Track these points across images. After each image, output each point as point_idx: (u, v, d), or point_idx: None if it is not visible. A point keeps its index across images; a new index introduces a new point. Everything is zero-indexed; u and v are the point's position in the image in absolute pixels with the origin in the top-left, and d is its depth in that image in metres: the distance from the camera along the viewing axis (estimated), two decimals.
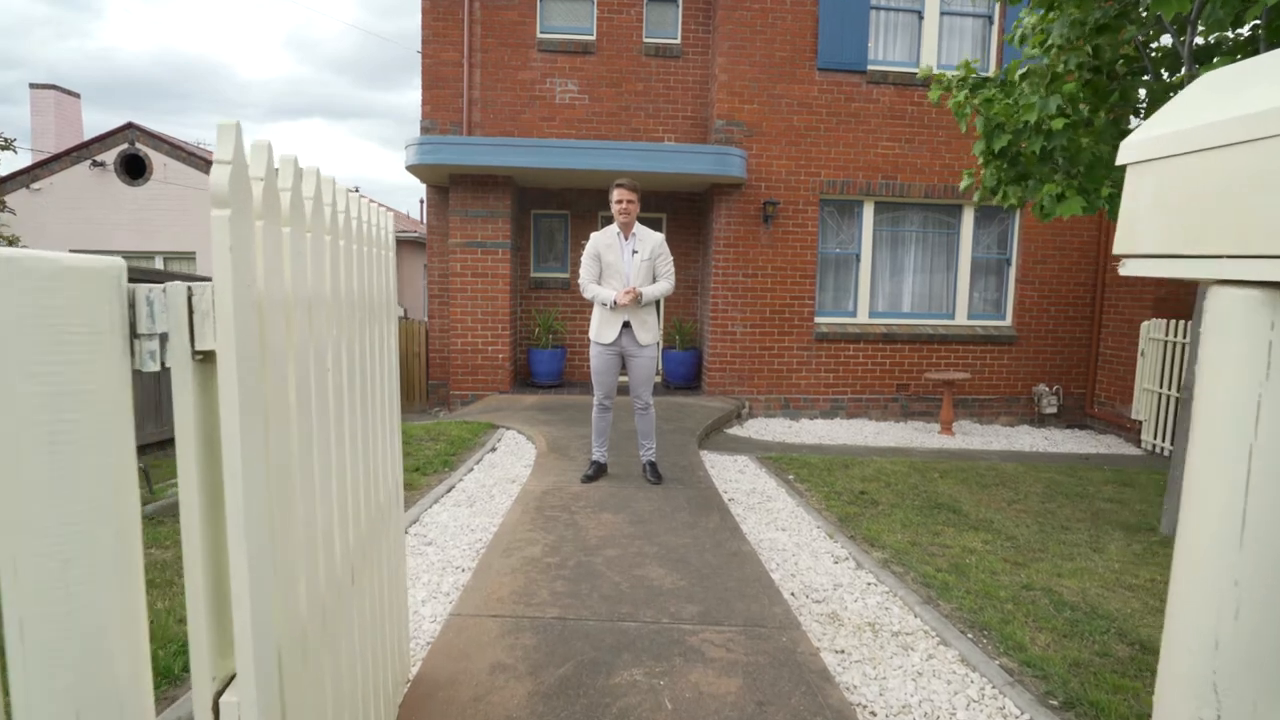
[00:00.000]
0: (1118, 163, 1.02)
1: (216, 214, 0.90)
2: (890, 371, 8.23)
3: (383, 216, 1.89)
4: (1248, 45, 4.14)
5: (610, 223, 4.43)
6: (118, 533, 0.80)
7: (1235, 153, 0.81)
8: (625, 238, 4.30)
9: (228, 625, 0.99)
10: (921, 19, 8.08)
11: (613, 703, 2.11)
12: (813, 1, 7.84)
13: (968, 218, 8.33)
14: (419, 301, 16.07)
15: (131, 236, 12.98)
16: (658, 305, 5.31)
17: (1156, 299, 7.36)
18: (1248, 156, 0.80)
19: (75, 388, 0.75)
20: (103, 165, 12.90)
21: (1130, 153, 0.99)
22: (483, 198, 7.98)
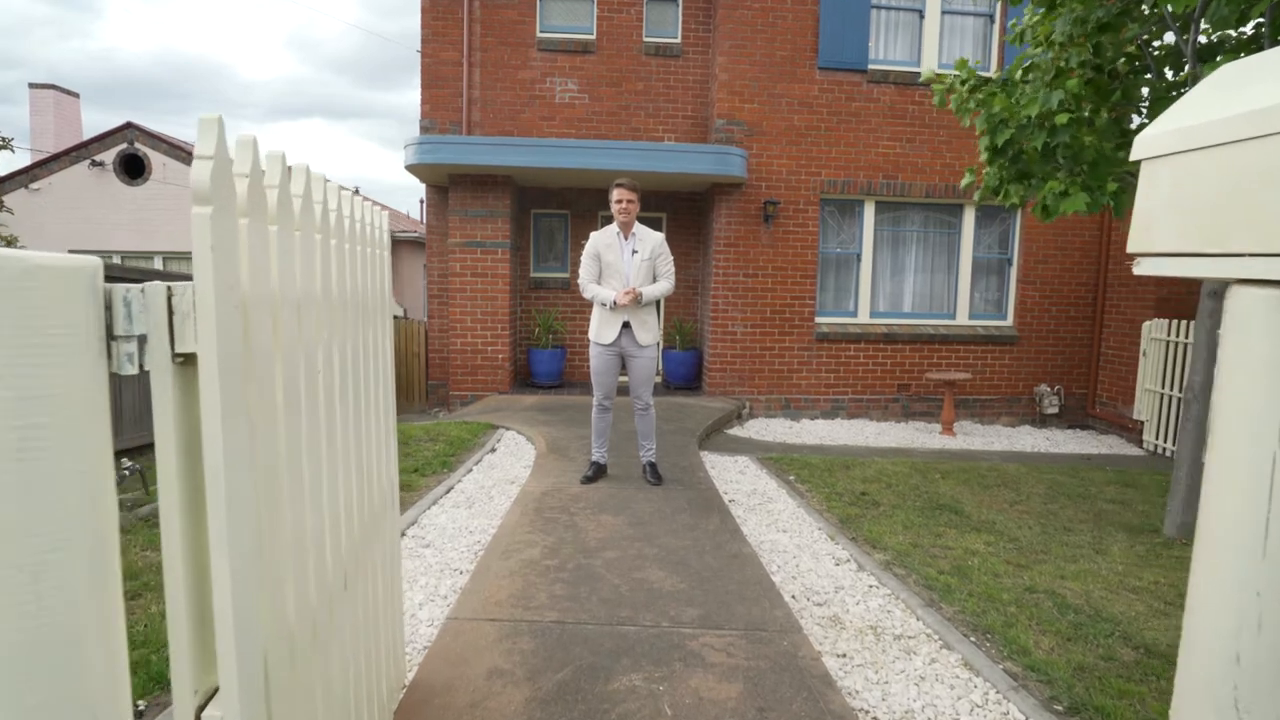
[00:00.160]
0: (1131, 158, 0.99)
1: (197, 211, 0.87)
2: (891, 372, 8.20)
3: (377, 215, 1.86)
4: (1251, 44, 4.12)
5: (610, 222, 4.40)
6: (93, 541, 0.77)
7: (1244, 149, 0.79)
8: (625, 237, 4.27)
9: (210, 636, 0.95)
10: (922, 18, 8.04)
11: (611, 709, 2.08)
12: (813, 0, 7.81)
13: (969, 217, 8.29)
14: (419, 301, 16.02)
15: (131, 236, 12.96)
16: (658, 305, 5.28)
17: (1158, 299, 7.32)
18: (1256, 153, 0.77)
19: (46, 391, 0.72)
20: (102, 165, 12.88)
21: (1144, 148, 0.95)
22: (482, 197, 7.95)
